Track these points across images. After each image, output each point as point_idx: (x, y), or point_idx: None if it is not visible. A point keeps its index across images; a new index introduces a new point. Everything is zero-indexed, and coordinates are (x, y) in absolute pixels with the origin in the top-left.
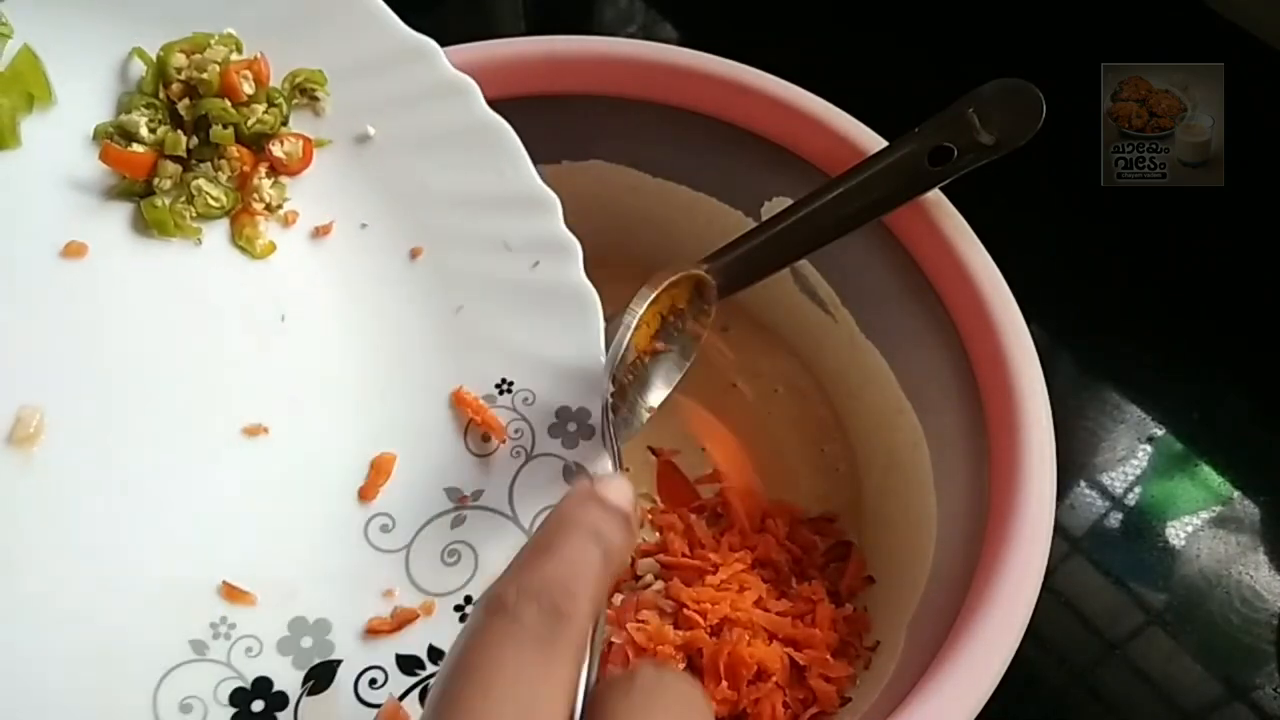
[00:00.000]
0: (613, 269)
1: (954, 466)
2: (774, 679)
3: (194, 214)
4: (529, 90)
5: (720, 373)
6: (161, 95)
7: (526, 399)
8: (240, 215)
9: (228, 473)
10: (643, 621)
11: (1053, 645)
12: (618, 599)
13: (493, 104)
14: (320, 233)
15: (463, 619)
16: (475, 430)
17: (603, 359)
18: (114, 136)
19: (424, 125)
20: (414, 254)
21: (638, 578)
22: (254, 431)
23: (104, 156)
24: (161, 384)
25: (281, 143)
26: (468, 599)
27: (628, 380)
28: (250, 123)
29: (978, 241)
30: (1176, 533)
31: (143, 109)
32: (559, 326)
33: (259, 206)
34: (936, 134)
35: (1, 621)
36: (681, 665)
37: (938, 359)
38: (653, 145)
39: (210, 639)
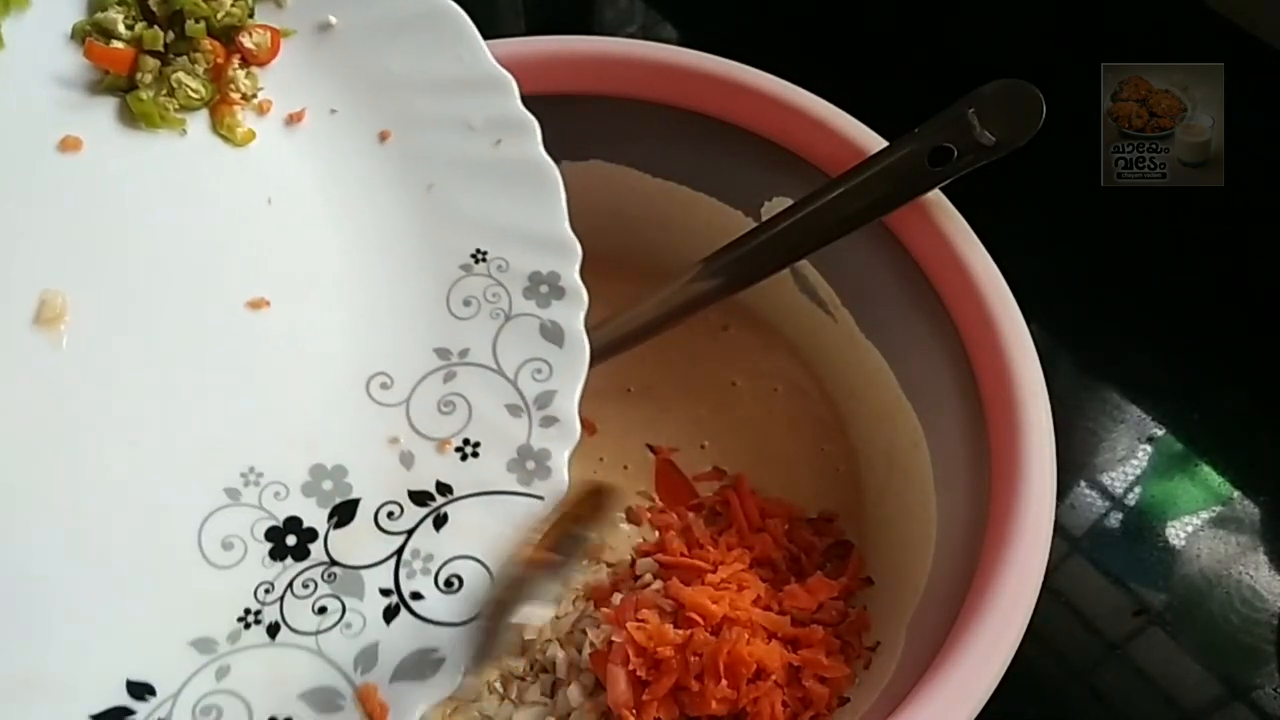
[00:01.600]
0: (613, 269)
1: (954, 466)
2: (773, 678)
3: (176, 106)
4: (529, 90)
5: (720, 371)
6: None
7: (500, 266)
8: (219, 106)
9: (237, 341)
10: (642, 621)
11: (1053, 645)
12: (617, 598)
13: None
14: (293, 120)
15: (463, 458)
16: (457, 296)
17: (567, 228)
18: (92, 34)
19: (381, 12)
20: (383, 136)
21: (637, 577)
22: (257, 304)
23: (88, 53)
24: (167, 264)
25: (250, 34)
26: (466, 440)
27: (504, 595)
28: (220, 16)
29: (978, 241)
30: (1176, 533)
31: (116, 6)
32: (523, 199)
33: (236, 96)
34: (936, 134)
35: (53, 484)
36: (680, 664)
37: (938, 359)
38: (653, 145)
39: (242, 486)
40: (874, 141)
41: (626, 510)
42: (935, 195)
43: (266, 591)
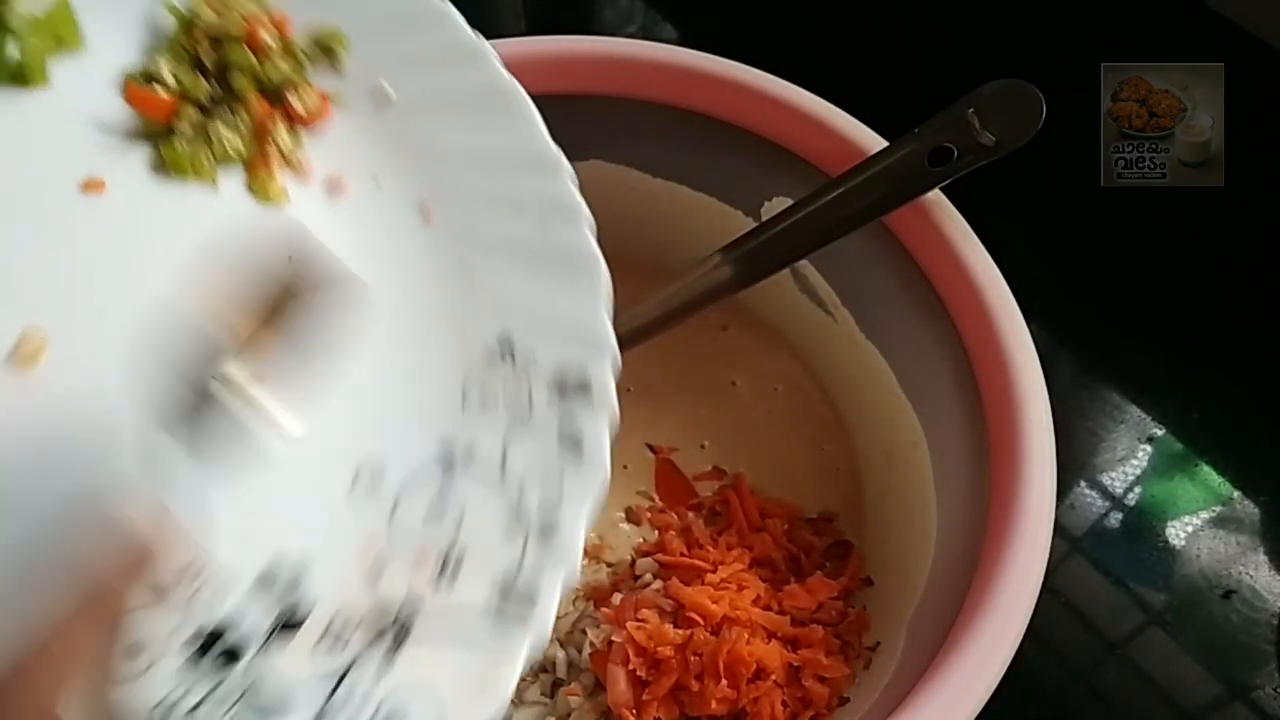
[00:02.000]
0: (613, 269)
1: (954, 466)
2: (773, 678)
3: (212, 158)
4: (529, 90)
5: (720, 371)
6: (188, 45)
7: (528, 357)
8: (257, 163)
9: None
10: (642, 621)
11: (1053, 645)
12: (616, 598)
13: None
14: (334, 185)
15: (440, 575)
16: (474, 386)
17: (608, 325)
18: (138, 80)
19: (440, 86)
20: (425, 210)
21: (637, 577)
22: None
23: (128, 96)
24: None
25: (300, 95)
26: (448, 557)
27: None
28: (270, 73)
29: (978, 241)
30: (1176, 533)
31: (169, 55)
32: (564, 288)
33: (275, 155)
34: (936, 134)
35: None
36: (680, 664)
37: (938, 359)
38: (653, 145)
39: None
40: (874, 141)
41: (626, 510)
42: (935, 195)
43: (176, 703)
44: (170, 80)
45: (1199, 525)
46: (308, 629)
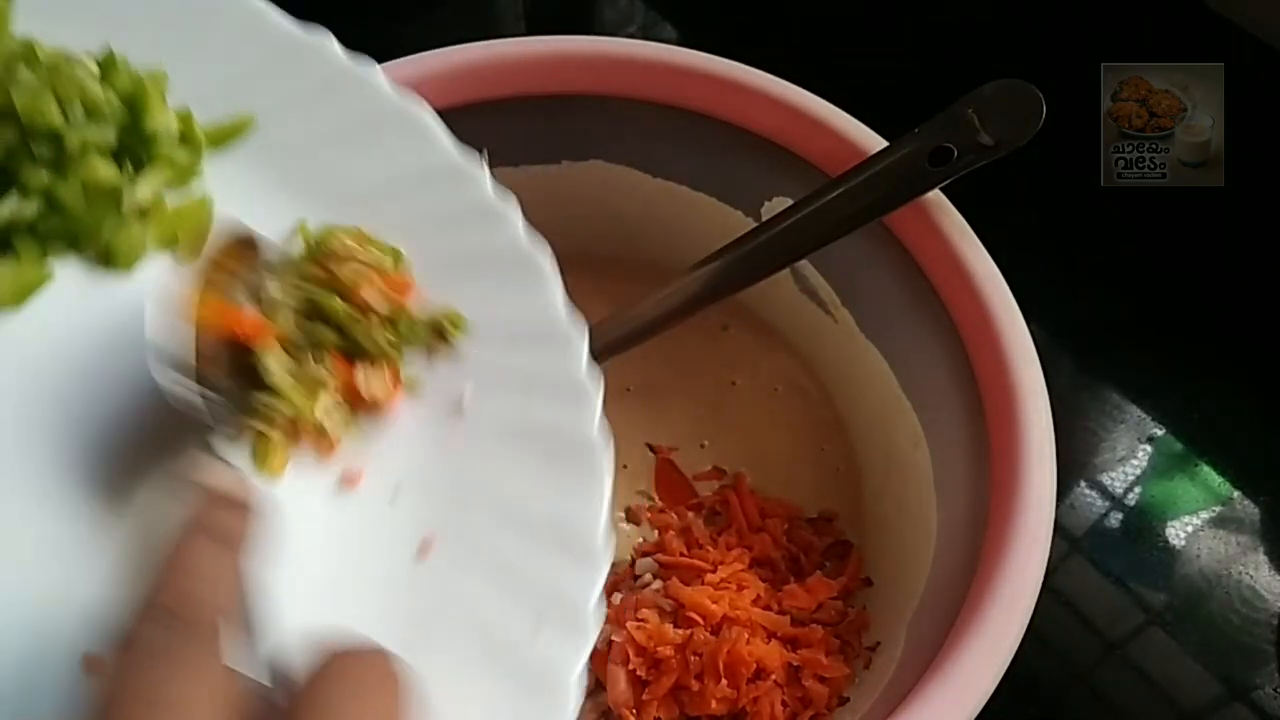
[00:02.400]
0: (613, 269)
1: (954, 466)
2: (773, 677)
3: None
4: (529, 90)
5: (720, 371)
6: (297, 277)
7: None
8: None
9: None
10: (642, 621)
11: (1053, 645)
12: (616, 598)
13: (493, 104)
14: (346, 481)
15: None
16: None
17: None
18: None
19: (522, 420)
20: (426, 543)
21: (636, 577)
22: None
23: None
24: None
25: (374, 371)
26: None
27: (214, 374)
28: (358, 334)
29: (978, 241)
30: (1176, 533)
31: (295, 282)
32: (519, 714)
33: (308, 425)
34: (936, 134)
35: None
36: (680, 663)
37: (938, 359)
38: (653, 145)
39: None
40: (874, 141)
41: (626, 510)
42: (935, 195)
43: None
44: (273, 292)
45: (1199, 525)
46: None
